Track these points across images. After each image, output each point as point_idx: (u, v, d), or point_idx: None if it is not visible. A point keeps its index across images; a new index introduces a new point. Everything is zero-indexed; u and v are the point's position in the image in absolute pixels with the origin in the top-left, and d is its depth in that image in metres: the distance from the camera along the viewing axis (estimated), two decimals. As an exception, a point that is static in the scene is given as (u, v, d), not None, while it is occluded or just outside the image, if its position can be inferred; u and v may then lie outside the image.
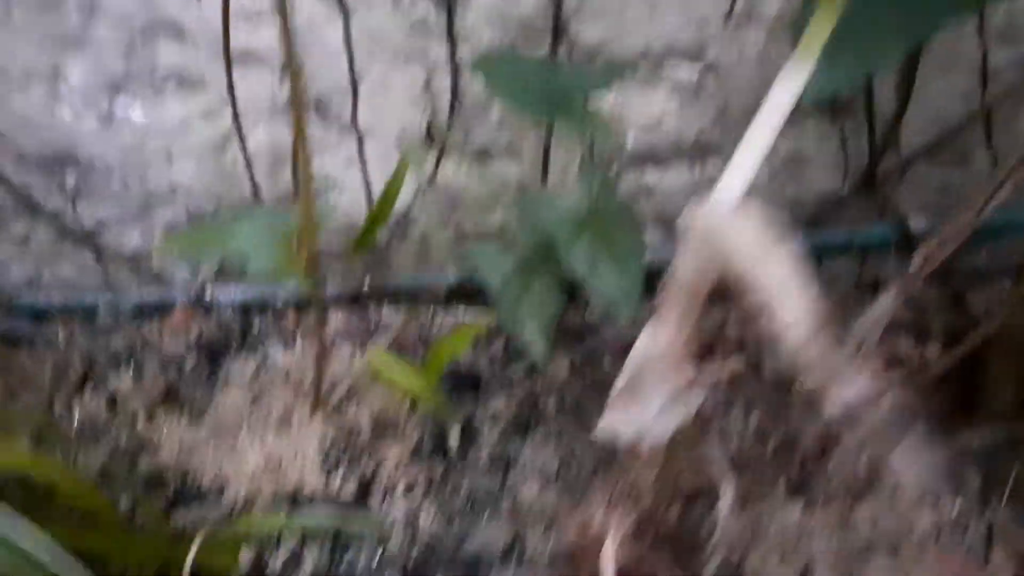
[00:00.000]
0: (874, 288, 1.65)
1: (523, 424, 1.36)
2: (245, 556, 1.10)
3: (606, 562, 0.93)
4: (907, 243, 1.55)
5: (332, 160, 1.49)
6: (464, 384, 1.40)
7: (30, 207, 1.52)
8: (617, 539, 0.95)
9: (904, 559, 1.16)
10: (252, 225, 1.05)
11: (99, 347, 1.48)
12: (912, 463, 1.25)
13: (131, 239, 1.59)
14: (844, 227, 1.59)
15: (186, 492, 1.18)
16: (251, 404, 1.33)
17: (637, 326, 1.60)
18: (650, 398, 0.76)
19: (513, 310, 1.18)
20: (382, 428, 1.23)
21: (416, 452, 1.22)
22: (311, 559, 1.11)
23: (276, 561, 1.11)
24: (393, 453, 1.19)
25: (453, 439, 1.21)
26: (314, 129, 1.45)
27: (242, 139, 1.39)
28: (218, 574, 1.10)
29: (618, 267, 1.05)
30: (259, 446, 1.20)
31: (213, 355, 1.49)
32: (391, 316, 1.67)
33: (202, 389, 1.40)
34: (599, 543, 0.99)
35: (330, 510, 1.07)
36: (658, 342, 0.75)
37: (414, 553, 1.12)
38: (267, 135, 1.46)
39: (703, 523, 1.05)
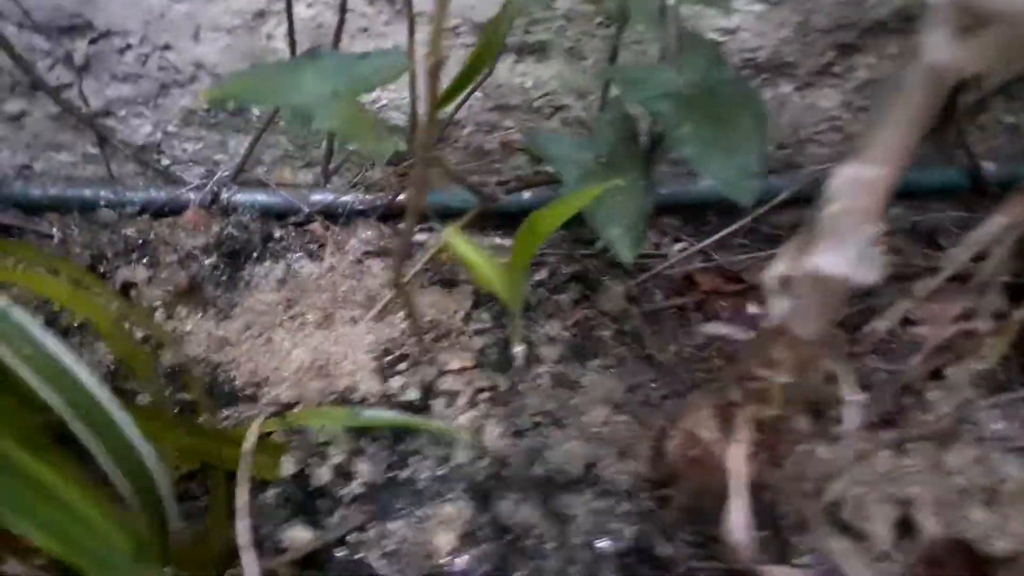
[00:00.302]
0: (930, 238, 1.58)
1: (580, 350, 1.24)
2: (287, 465, 0.96)
3: (736, 465, 0.82)
4: (979, 188, 1.48)
5: (380, 46, 1.34)
6: (502, 307, 1.27)
7: (31, 78, 1.34)
8: (745, 440, 0.84)
9: (1001, 507, 1.07)
10: (319, 75, 0.90)
11: (104, 242, 1.30)
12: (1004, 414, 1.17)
13: (142, 127, 1.42)
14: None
15: (217, 391, 1.03)
16: (284, 307, 1.18)
17: (690, 259, 1.51)
18: (849, 240, 0.65)
19: (595, 207, 1.06)
20: (440, 335, 1.10)
21: (479, 363, 1.09)
22: (364, 470, 0.97)
23: (322, 471, 0.97)
24: (455, 362, 1.05)
25: (518, 353, 1.08)
26: (361, 6, 1.30)
27: (290, 8, 1.24)
28: (254, 481, 0.96)
29: (736, 144, 0.94)
30: (302, 346, 1.06)
31: (233, 259, 1.33)
32: (422, 235, 1.53)
33: (225, 290, 1.24)
34: (712, 452, 0.88)
35: (392, 411, 0.93)
36: (865, 174, 0.63)
37: (481, 469, 0.99)
38: (310, 10, 1.30)
39: (815, 445, 0.95)
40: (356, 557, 0.92)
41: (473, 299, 1.23)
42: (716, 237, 1.41)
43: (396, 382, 1.02)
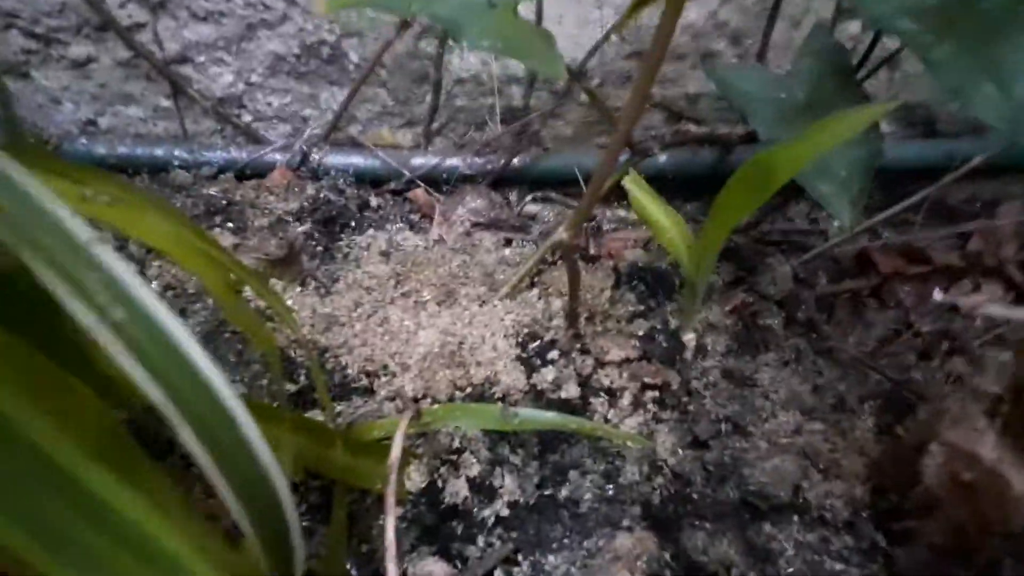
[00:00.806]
0: (951, 215, 1.31)
1: (748, 341, 1.01)
2: (415, 476, 0.75)
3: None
4: None
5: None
6: (656, 286, 1.05)
7: (100, 17, 1.15)
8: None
9: None
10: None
11: (180, 204, 1.11)
12: None
13: (222, 76, 1.23)
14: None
15: (324, 378, 0.83)
16: (395, 283, 0.97)
17: (856, 238, 1.27)
18: None
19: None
20: (589, 317, 0.88)
21: (644, 354, 0.87)
22: (510, 485, 0.76)
23: (456, 485, 0.76)
24: (614, 351, 0.84)
25: (689, 341, 0.86)
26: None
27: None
28: (369, 496, 0.76)
29: (1013, 70, 0.70)
30: (427, 327, 0.85)
31: (329, 227, 1.13)
32: (536, 206, 1.32)
33: (322, 262, 1.04)
34: (996, 478, 0.65)
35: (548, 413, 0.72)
36: None
37: (659, 488, 0.77)
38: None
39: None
40: None
41: (614, 277, 1.01)
42: (891, 211, 1.16)
43: (547, 374, 0.81)
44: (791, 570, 0.74)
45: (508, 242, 1.18)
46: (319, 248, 1.07)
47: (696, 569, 0.73)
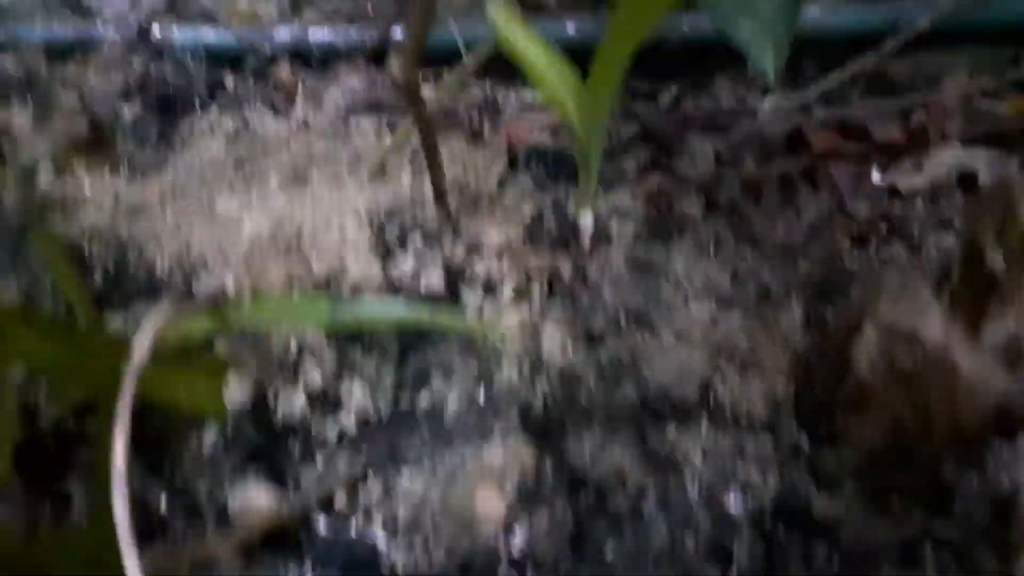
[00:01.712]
0: (892, 89, 1.18)
1: (662, 227, 0.87)
2: (237, 391, 0.60)
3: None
4: None
5: None
6: (557, 169, 0.89)
7: None
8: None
9: None
10: None
11: None
12: None
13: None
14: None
15: (124, 280, 0.66)
16: (235, 167, 0.80)
17: (785, 116, 1.13)
18: None
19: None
20: (471, 199, 0.72)
21: (529, 237, 0.72)
22: (359, 397, 0.61)
23: (292, 400, 0.61)
24: (493, 234, 0.68)
25: (586, 223, 0.71)
26: None
27: None
28: (187, 415, 0.60)
29: None
30: (259, 212, 0.68)
31: (165, 110, 0.94)
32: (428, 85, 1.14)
33: (150, 149, 0.86)
34: (946, 363, 0.52)
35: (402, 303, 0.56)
36: None
37: (542, 392, 0.63)
38: None
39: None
40: (348, 531, 0.56)
41: (507, 158, 0.85)
42: (827, 83, 1.02)
43: (406, 263, 0.65)
44: (698, 479, 0.62)
45: (392, 128, 1.00)
46: (151, 133, 0.89)
47: (582, 482, 0.60)
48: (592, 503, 0.60)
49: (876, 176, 1.05)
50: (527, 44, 0.62)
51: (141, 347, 0.43)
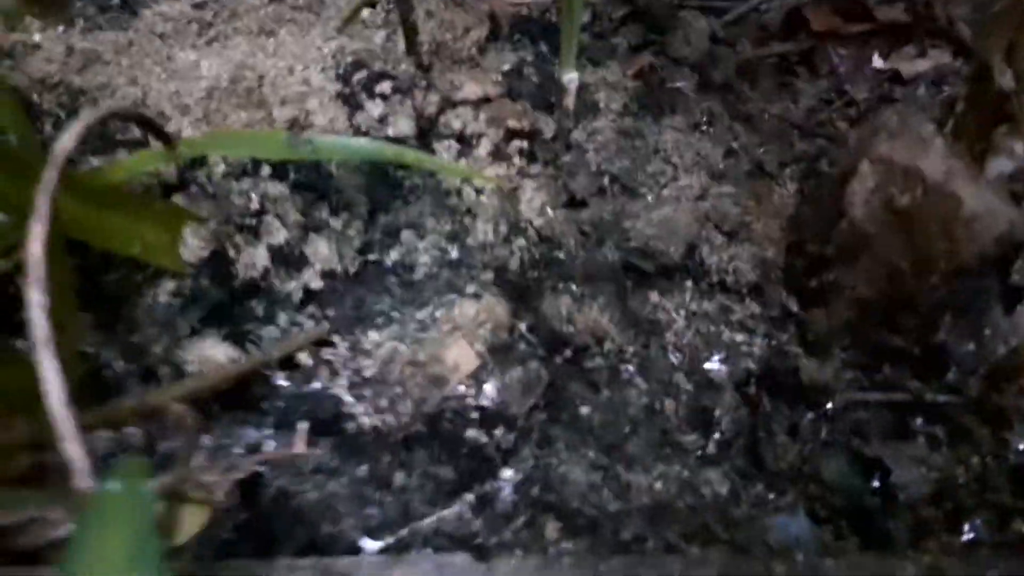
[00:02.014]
0: None
1: (653, 102, 0.82)
2: (193, 244, 0.56)
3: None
4: None
5: None
6: (544, 41, 0.84)
7: None
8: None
9: None
10: None
11: None
12: None
13: None
14: None
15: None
16: (198, 29, 0.74)
17: None
18: None
19: None
20: (447, 56, 0.68)
21: (509, 92, 0.67)
22: (323, 251, 0.58)
23: (254, 254, 0.57)
24: (470, 87, 0.64)
25: (570, 82, 0.66)
26: None
27: None
28: (142, 269, 0.57)
29: None
30: (218, 59, 0.63)
31: None
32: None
33: (112, 12, 0.80)
34: (950, 197, 0.49)
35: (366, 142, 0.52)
36: None
37: (519, 250, 0.59)
38: None
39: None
40: (313, 388, 0.54)
41: (490, 24, 0.80)
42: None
43: (374, 109, 0.61)
44: (679, 343, 0.59)
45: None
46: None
47: (559, 340, 0.57)
48: (568, 362, 0.58)
49: (877, 60, 1.00)
50: None
51: (65, 141, 0.39)
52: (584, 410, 0.54)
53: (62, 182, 0.44)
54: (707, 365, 0.59)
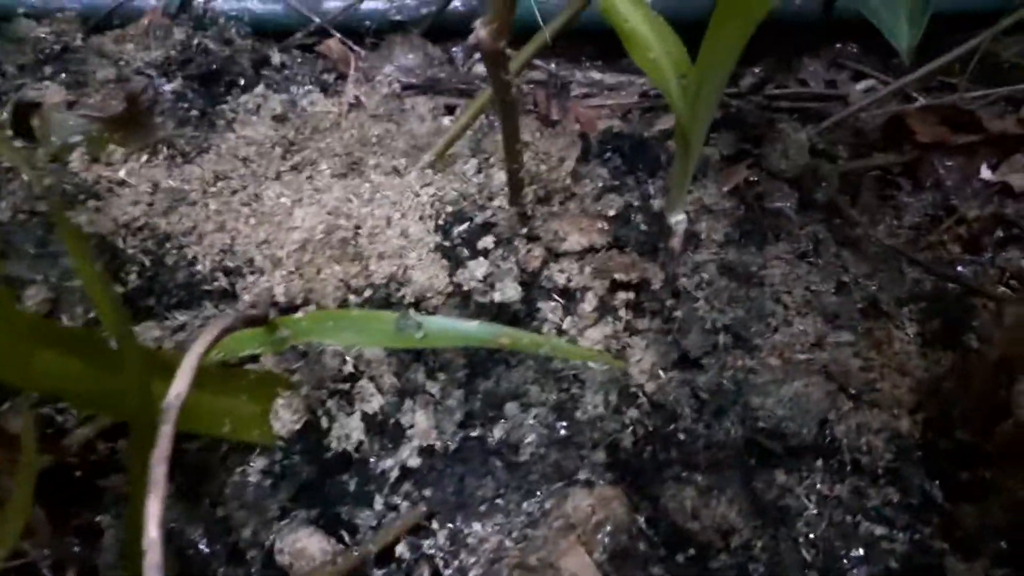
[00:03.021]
0: (1001, 74, 1.04)
1: (755, 227, 0.77)
2: (285, 415, 0.52)
3: None
4: None
5: None
6: (635, 158, 0.80)
7: None
8: None
9: None
10: None
11: (5, 52, 0.84)
12: None
13: None
14: None
15: (162, 281, 0.58)
16: (283, 151, 0.71)
17: (880, 103, 1.01)
18: None
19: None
20: (545, 192, 0.64)
21: (615, 241, 0.63)
22: (422, 424, 0.53)
23: (347, 425, 0.53)
24: (574, 237, 0.59)
25: (678, 224, 0.61)
26: None
27: None
28: (230, 441, 0.53)
29: None
30: (310, 204, 0.60)
31: (208, 85, 0.86)
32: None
33: (191, 127, 0.78)
34: None
35: (474, 324, 0.48)
36: None
37: (631, 425, 0.54)
38: None
39: None
40: None
41: (582, 145, 0.76)
42: (929, 66, 0.91)
43: (476, 270, 0.56)
44: (812, 535, 0.53)
45: (450, 110, 0.92)
46: (192, 111, 0.81)
47: (683, 539, 0.51)
48: (691, 561, 0.52)
49: (986, 172, 0.94)
50: (631, 10, 0.53)
51: (181, 380, 0.35)
52: (713, 623, 0.49)
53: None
54: (843, 563, 0.52)
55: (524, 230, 0.61)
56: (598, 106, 1.00)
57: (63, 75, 0.78)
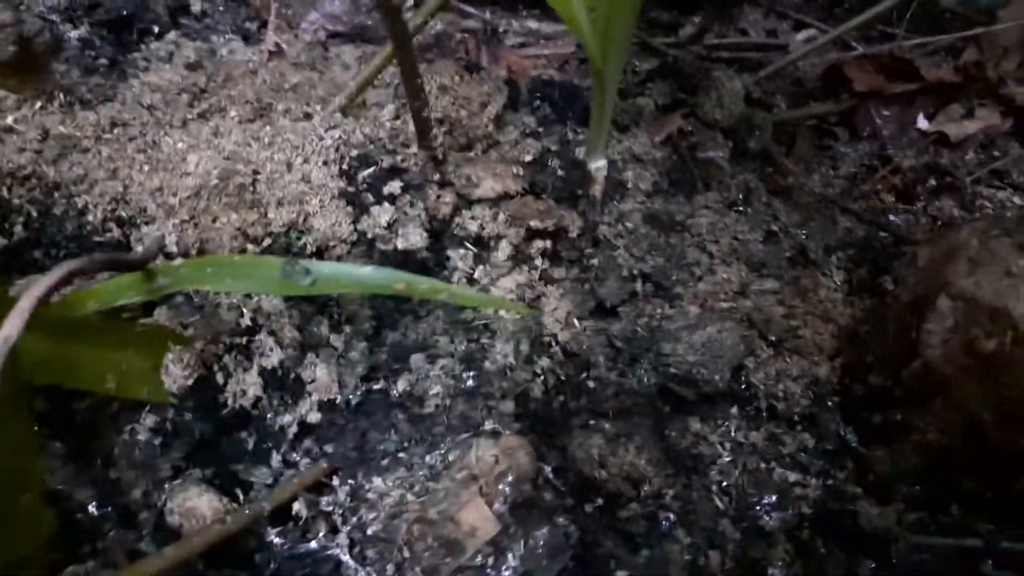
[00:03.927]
0: (939, 24, 1.03)
1: (683, 177, 0.76)
2: (177, 370, 0.49)
3: None
4: None
5: None
6: (565, 107, 0.77)
7: None
8: None
9: None
10: None
11: None
12: None
13: None
14: None
15: (50, 232, 0.55)
16: (191, 98, 0.68)
17: (820, 51, 0.98)
18: None
19: None
20: (462, 139, 0.61)
21: (532, 187, 0.60)
22: (322, 377, 0.51)
23: (244, 380, 0.51)
24: (488, 182, 0.57)
25: (598, 169, 0.59)
26: None
27: None
28: (120, 398, 0.50)
29: None
30: (208, 148, 0.57)
31: (118, 32, 0.81)
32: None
33: (97, 77, 0.73)
34: None
35: (377, 268, 0.45)
36: None
37: (543, 375, 0.53)
38: None
39: None
40: (309, 548, 0.47)
41: (506, 93, 0.73)
42: (868, 14, 0.89)
43: (382, 214, 0.54)
44: (725, 483, 0.52)
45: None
46: (100, 60, 0.77)
47: (589, 488, 0.50)
48: (600, 512, 0.51)
49: (923, 121, 0.93)
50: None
51: (13, 323, 0.32)
52: (620, 575, 0.47)
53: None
54: (756, 509, 0.51)
55: (436, 176, 0.58)
56: (534, 56, 0.97)
57: (-48, 18, 0.72)
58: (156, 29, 0.84)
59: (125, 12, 0.82)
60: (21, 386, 0.41)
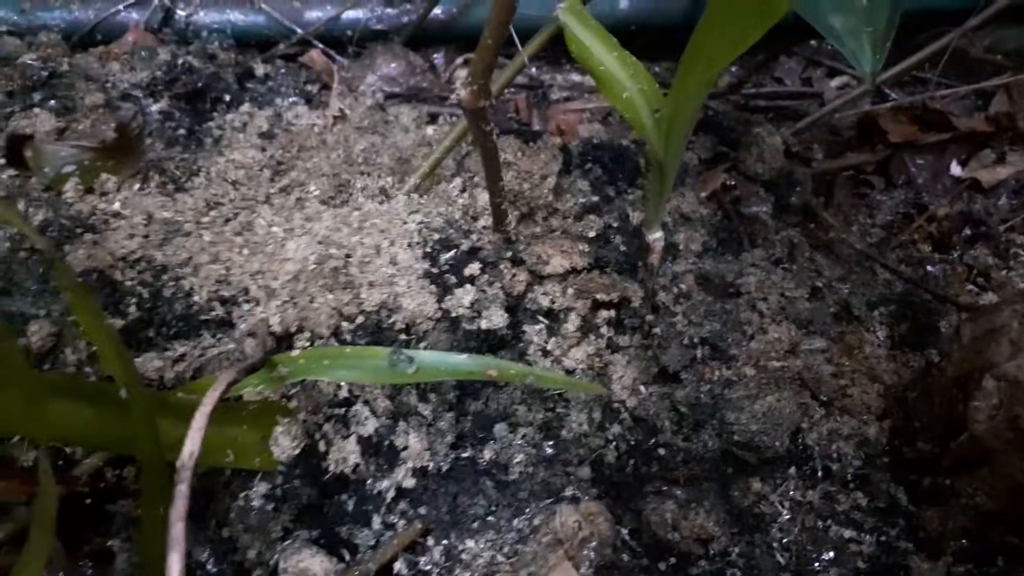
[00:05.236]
0: (970, 71, 1.06)
1: (729, 235, 0.80)
2: (284, 440, 0.54)
3: None
4: None
5: None
6: (615, 169, 0.82)
7: None
8: None
9: None
10: None
11: None
12: None
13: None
14: None
15: (161, 312, 0.60)
16: (272, 174, 0.73)
17: (854, 101, 1.03)
18: None
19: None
20: (526, 211, 0.66)
21: (596, 262, 0.65)
22: (415, 445, 0.56)
23: (344, 447, 0.56)
24: (557, 259, 0.62)
25: (656, 241, 0.64)
26: None
27: None
28: (232, 467, 0.55)
29: None
30: (303, 234, 0.62)
31: (194, 104, 0.87)
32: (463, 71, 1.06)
33: (180, 149, 0.79)
34: None
35: (462, 356, 0.50)
36: None
37: (615, 440, 0.57)
38: None
39: None
40: None
41: (562, 158, 0.78)
42: (902, 65, 0.93)
43: (464, 296, 0.59)
44: (786, 540, 0.56)
45: (433, 118, 0.93)
46: (180, 131, 0.83)
47: (664, 548, 0.55)
48: (672, 569, 0.55)
49: (956, 168, 0.97)
50: (600, 46, 0.55)
51: (194, 435, 0.38)
52: (693, 627, 0.52)
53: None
54: (815, 565, 0.56)
55: (508, 254, 0.63)
56: (578, 110, 1.02)
57: (52, 101, 0.79)
58: (227, 97, 0.90)
59: (200, 83, 0.88)
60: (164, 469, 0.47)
